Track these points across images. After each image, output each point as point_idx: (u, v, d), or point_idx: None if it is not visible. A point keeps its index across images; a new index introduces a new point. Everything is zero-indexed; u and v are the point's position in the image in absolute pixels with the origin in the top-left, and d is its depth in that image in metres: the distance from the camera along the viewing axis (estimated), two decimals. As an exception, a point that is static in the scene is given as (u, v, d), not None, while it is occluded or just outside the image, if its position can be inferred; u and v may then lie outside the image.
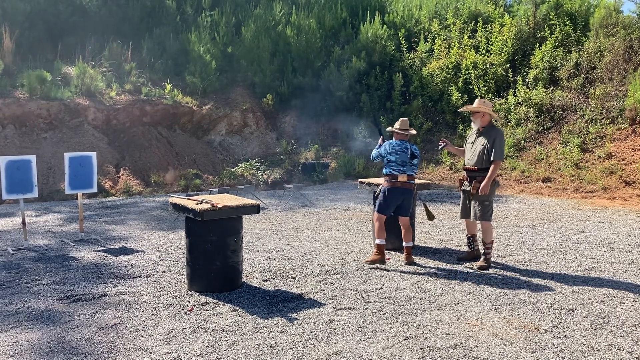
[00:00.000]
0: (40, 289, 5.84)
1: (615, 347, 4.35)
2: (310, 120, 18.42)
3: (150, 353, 4.26)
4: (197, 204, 5.64)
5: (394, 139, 6.87)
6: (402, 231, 6.88)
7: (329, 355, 4.24)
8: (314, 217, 10.24)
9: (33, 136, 14.49)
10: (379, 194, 6.79)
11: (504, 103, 15.74)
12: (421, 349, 4.35)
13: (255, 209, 5.79)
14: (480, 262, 6.68)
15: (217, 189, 10.98)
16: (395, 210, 6.80)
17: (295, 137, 17.97)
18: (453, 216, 10.07)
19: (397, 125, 6.85)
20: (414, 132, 6.91)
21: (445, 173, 14.74)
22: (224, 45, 19.31)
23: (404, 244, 6.89)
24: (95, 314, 5.10)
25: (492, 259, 7.03)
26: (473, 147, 6.57)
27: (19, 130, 14.38)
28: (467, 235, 7.01)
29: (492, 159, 6.35)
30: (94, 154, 8.28)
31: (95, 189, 8.42)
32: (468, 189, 6.57)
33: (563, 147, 13.79)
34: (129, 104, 16.29)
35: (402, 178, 6.64)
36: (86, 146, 14.56)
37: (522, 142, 14.74)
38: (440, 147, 6.99)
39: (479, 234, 7.21)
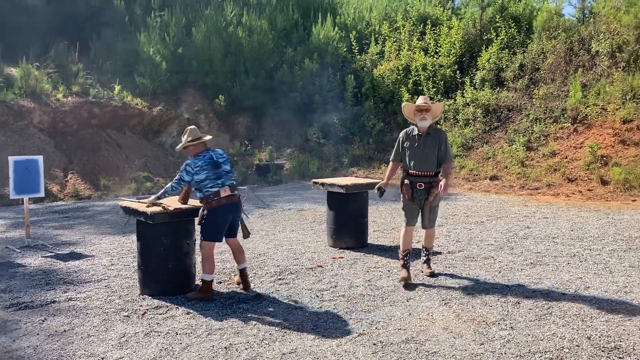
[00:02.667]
0: None
1: (557, 337, 4.54)
2: (264, 121, 18.42)
3: (102, 359, 4.20)
4: (147, 206, 5.58)
5: (190, 155, 5.61)
6: (233, 253, 5.88)
7: (284, 354, 4.27)
8: (268, 218, 10.25)
9: (-26, 139, 13.95)
10: (201, 221, 5.51)
11: (452, 104, 16.13)
12: (374, 344, 4.44)
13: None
14: (430, 269, 6.34)
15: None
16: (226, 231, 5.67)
17: (249, 138, 17.92)
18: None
19: (185, 138, 5.60)
20: (208, 137, 5.75)
21: (398, 172, 14.96)
22: (174, 46, 19.07)
23: (239, 266, 5.84)
24: (43, 321, 4.98)
25: (441, 255, 7.22)
26: (421, 151, 6.00)
27: (-41, 133, 13.83)
28: (404, 252, 6.13)
29: (446, 160, 6.05)
30: (40, 158, 8.07)
31: (42, 194, 8.21)
32: (425, 197, 6.01)
33: (509, 146, 14.24)
34: (76, 106, 15.88)
35: (225, 192, 5.46)
36: (32, 150, 14.11)
37: (470, 141, 15.14)
38: (380, 195, 6.23)
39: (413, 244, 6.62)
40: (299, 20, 20.35)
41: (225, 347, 4.39)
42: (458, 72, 16.88)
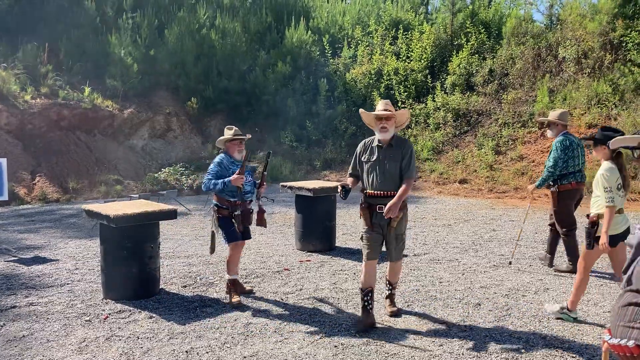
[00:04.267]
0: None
1: (514, 337, 4.64)
2: (237, 124, 18.31)
3: (61, 364, 4.17)
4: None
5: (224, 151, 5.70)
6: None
7: (245, 357, 4.29)
8: (237, 221, 10.22)
9: (-62, 142, 13.65)
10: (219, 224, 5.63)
11: (423, 108, 16.31)
12: (335, 347, 4.49)
13: (172, 215, 5.77)
14: (393, 307, 5.28)
15: (137, 195, 10.76)
16: None
17: (221, 141, 17.83)
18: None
19: (230, 132, 5.71)
20: (248, 136, 5.84)
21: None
22: (146, 48, 18.90)
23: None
24: (2, 326, 4.91)
25: (407, 258, 7.30)
26: (380, 166, 4.89)
27: None
28: (364, 291, 4.93)
29: (405, 175, 4.86)
30: (3, 160, 7.95)
31: (5, 197, 8.08)
32: (387, 222, 4.86)
33: (478, 149, 14.45)
34: (45, 108, 15.64)
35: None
36: (-1, 152, 13.86)
37: (440, 145, 15.33)
38: (344, 196, 4.92)
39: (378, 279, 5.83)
40: (272, 23, 20.37)
41: (186, 351, 4.39)
42: (429, 76, 17.08)
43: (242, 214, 5.59)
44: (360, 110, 5.17)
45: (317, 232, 7.71)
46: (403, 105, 16.70)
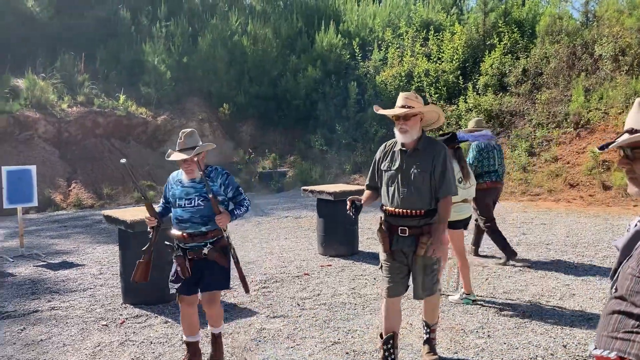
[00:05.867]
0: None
1: (533, 345, 4.48)
2: (268, 129, 18.47)
3: (74, 368, 4.23)
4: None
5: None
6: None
7: (254, 363, 4.27)
8: (264, 226, 10.25)
9: (-20, 150, 14.15)
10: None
11: (455, 109, 16.05)
12: (347, 353, 4.42)
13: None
14: (433, 354, 4.23)
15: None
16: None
17: (253, 146, 17.98)
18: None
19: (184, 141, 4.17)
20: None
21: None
22: (179, 56, 19.22)
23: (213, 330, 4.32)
24: (22, 330, 5.02)
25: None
26: (403, 177, 3.87)
27: (-35, 144, 14.04)
28: (384, 338, 3.93)
29: (441, 192, 3.84)
30: (33, 168, 8.17)
31: (35, 203, 8.29)
32: (412, 249, 3.84)
33: (512, 151, 14.12)
34: (81, 116, 16.06)
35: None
36: (36, 160, 14.26)
37: (472, 147, 15.04)
38: (354, 214, 4.07)
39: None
40: (302, 28, 20.42)
41: (197, 356, 4.39)
42: (461, 77, 16.79)
43: (179, 257, 4.04)
44: (375, 106, 4.13)
45: (339, 237, 7.65)
46: (434, 107, 16.46)
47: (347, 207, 4.03)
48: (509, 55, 16.39)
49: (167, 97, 18.15)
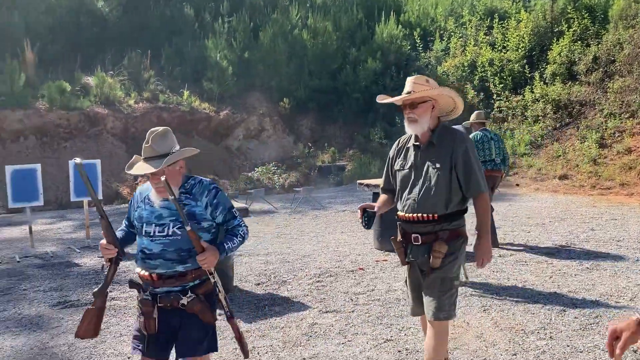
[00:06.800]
0: (36, 295, 5.98)
1: (599, 348, 4.22)
2: (327, 122, 18.44)
3: (129, 358, 4.31)
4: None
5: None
6: None
7: (304, 358, 4.22)
8: (321, 219, 10.23)
9: (54, 145, 14.85)
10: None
11: (520, 100, 15.48)
12: (399, 351, 4.30)
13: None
14: None
15: (226, 194, 11.06)
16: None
17: (312, 140, 18.00)
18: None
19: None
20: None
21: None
22: (240, 51, 19.47)
23: None
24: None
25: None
26: (417, 176, 3.30)
27: (40, 140, 14.75)
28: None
29: (470, 191, 3.25)
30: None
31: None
32: (423, 260, 3.27)
33: (581, 143, 13.48)
34: (146, 112, 16.55)
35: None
36: (105, 154, 14.84)
37: (539, 139, 14.47)
38: (366, 224, 3.49)
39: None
40: (362, 19, 20.23)
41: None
42: (527, 66, 16.16)
43: (145, 303, 2.85)
44: (380, 96, 3.44)
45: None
46: (499, 99, 15.94)
47: (358, 216, 3.47)
48: (579, 42, 15.63)
49: (228, 92, 18.44)
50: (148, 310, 2.83)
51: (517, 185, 13.11)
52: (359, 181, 8.10)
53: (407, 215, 3.32)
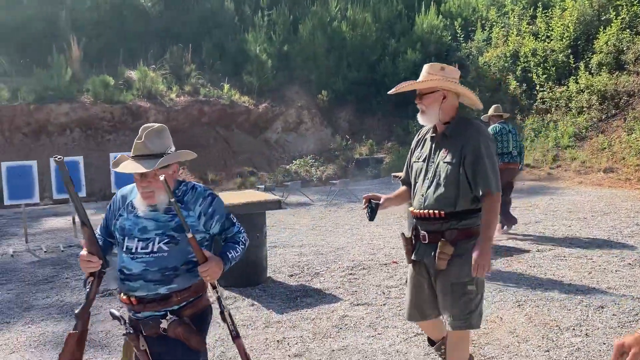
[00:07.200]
0: (77, 284, 6.18)
1: (637, 347, 4.09)
2: (366, 115, 18.36)
3: None
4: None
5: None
6: None
7: (333, 350, 4.24)
8: (356, 212, 10.21)
9: (98, 138, 15.28)
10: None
11: (564, 91, 15.05)
12: (429, 345, 4.27)
13: (276, 205, 5.87)
14: None
15: (263, 186, 11.19)
16: None
17: (350, 132, 17.96)
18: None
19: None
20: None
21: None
22: (280, 44, 19.56)
23: None
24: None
25: (529, 253, 6.77)
26: (428, 169, 3.14)
27: (84, 133, 15.19)
28: (432, 343, 3.52)
29: (479, 189, 2.98)
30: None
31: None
32: (430, 260, 3.07)
33: (628, 135, 13.02)
34: (188, 105, 16.82)
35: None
36: (147, 147, 15.15)
37: (583, 131, 14.05)
38: (370, 215, 3.25)
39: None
40: (402, 10, 20.02)
41: (278, 341, 4.44)
42: (571, 56, 15.67)
43: (132, 338, 2.52)
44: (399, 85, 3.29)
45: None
46: (542, 89, 15.53)
47: (363, 206, 3.29)
48: (627, 30, 15.06)
49: (268, 86, 18.55)
50: (135, 345, 2.51)
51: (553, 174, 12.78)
52: (393, 174, 8.04)
53: (415, 211, 3.14)
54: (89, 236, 2.52)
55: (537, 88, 15.60)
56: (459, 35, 18.03)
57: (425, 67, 3.20)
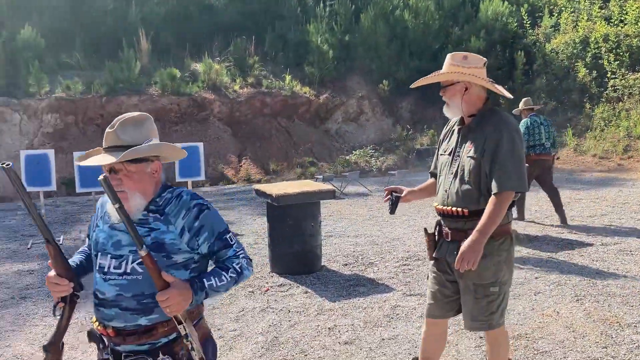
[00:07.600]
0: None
1: (702, 347, 3.91)
2: (428, 105, 18.09)
3: (219, 329, 4.59)
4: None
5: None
6: None
7: (383, 339, 4.28)
8: (414, 203, 10.04)
9: (165, 129, 15.80)
10: None
11: (638, 78, 14.31)
12: (480, 337, 4.24)
13: (330, 195, 5.95)
14: None
15: (321, 177, 11.29)
16: None
17: (412, 122, 17.79)
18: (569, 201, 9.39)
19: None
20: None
21: (569, 156, 13.80)
22: (341, 34, 19.56)
23: None
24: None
25: (592, 247, 6.54)
26: (452, 164, 3.02)
27: (153, 124, 15.76)
28: None
29: (495, 186, 2.80)
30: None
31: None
32: (452, 257, 2.90)
33: None
34: (250, 97, 17.14)
35: None
36: (212, 138, 15.61)
37: (658, 120, 13.35)
38: (391, 208, 3.26)
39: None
40: (466, -3, 19.58)
41: (329, 328, 4.52)
42: (647, 41, 14.91)
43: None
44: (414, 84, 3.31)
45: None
46: (614, 77, 14.83)
47: (384, 198, 3.26)
48: None
49: (329, 76, 18.62)
50: None
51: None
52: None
53: (439, 207, 3.03)
54: (54, 255, 2.06)
55: (609, 75, 14.92)
56: (525, 21, 17.46)
57: (448, 57, 3.08)
